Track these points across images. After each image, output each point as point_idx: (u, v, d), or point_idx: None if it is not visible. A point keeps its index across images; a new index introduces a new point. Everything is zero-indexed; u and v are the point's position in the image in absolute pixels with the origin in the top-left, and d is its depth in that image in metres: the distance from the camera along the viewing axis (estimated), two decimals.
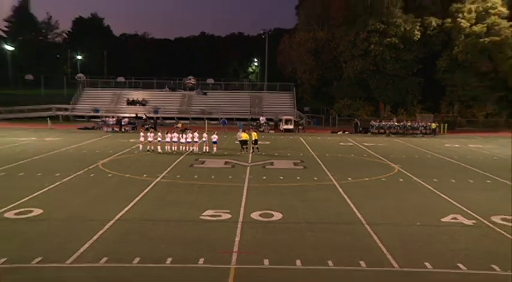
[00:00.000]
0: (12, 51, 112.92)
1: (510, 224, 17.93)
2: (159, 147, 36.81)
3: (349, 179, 26.72)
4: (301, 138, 49.25)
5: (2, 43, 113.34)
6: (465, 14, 64.18)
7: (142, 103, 69.74)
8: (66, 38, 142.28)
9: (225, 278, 12.59)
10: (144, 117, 61.08)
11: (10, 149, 36.83)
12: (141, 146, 37.17)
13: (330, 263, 13.77)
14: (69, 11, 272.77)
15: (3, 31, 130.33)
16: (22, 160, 31.43)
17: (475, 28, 63.11)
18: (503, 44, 62.25)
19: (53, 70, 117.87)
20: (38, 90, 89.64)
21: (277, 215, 18.58)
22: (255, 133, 39.78)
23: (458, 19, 64.22)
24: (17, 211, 18.78)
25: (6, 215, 18.31)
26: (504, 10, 63.52)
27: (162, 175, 26.73)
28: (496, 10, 63.49)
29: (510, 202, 21.53)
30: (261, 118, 60.64)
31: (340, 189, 23.79)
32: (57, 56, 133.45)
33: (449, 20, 65.33)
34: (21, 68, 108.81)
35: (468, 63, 63.62)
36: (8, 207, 19.33)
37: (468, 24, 63.57)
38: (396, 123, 55.90)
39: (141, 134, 38.15)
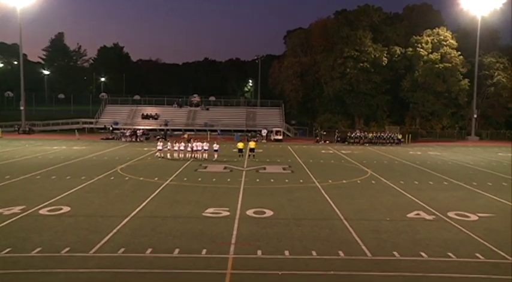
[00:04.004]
0: (48, 74, 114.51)
1: (463, 218, 17.95)
2: (168, 154, 36.71)
3: (330, 181, 26.63)
4: (289, 147, 49.14)
5: (40, 68, 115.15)
6: (423, 44, 65.26)
7: (155, 117, 69.53)
8: (92, 63, 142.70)
9: (224, 266, 12.48)
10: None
11: (45, 156, 36.61)
12: (157, 153, 37.20)
13: (314, 253, 13.67)
14: (96, 41, 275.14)
15: (42, 59, 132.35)
16: (54, 165, 31.24)
17: (431, 56, 64.05)
18: (454, 69, 63.35)
19: (81, 90, 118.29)
20: (68, 106, 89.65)
21: (269, 212, 18.47)
22: (253, 142, 39.75)
23: (417, 48, 65.20)
24: (49, 208, 18.73)
25: (40, 211, 18.25)
26: (454, 42, 64.74)
27: (171, 178, 26.57)
28: (448, 42, 64.70)
29: (464, 200, 21.61)
30: (263, 130, 60.36)
31: (322, 190, 23.69)
32: (85, 78, 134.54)
33: (410, 49, 66.10)
34: (55, 89, 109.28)
35: (427, 85, 64.27)
36: (42, 204, 19.31)
37: (426, 53, 64.51)
38: (364, 134, 55.95)
39: (158, 143, 38.26)
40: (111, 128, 62.33)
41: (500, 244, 14.88)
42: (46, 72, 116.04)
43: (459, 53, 64.20)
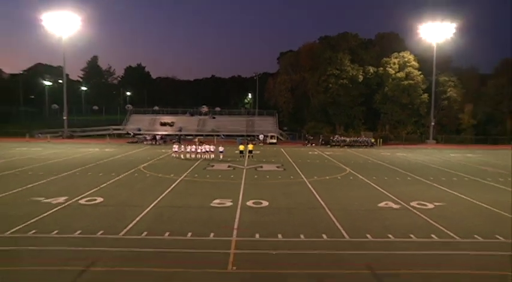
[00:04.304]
0: (85, 90, 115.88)
1: (422, 207, 18.12)
2: (182, 155, 36.78)
3: (315, 177, 26.74)
4: (281, 149, 49.16)
5: (79, 85, 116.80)
6: (391, 65, 65.40)
7: (171, 124, 69.47)
8: (120, 80, 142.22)
9: (228, 247, 12.61)
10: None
11: (82, 157, 36.67)
12: (173, 154, 37.23)
13: (302, 236, 13.79)
14: (123, 62, 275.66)
15: (80, 77, 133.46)
16: (90, 164, 31.30)
17: (398, 75, 64.23)
18: (416, 86, 63.75)
19: (111, 102, 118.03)
20: (100, 116, 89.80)
21: (265, 203, 18.57)
22: (251, 145, 39.84)
23: (387, 68, 65.35)
24: (86, 199, 18.85)
25: (79, 201, 18.39)
26: (416, 64, 65.01)
27: (184, 175, 26.64)
28: (411, 63, 64.96)
29: (423, 192, 21.76)
30: (260, 135, 60.31)
31: (309, 185, 23.81)
32: (114, 92, 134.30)
33: (381, 68, 66.25)
34: (90, 101, 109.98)
35: (394, 98, 64.41)
36: (81, 196, 19.42)
37: (394, 72, 64.66)
38: (344, 138, 56.38)
39: (174, 146, 38.38)
40: (132, 134, 62.81)
41: (450, 226, 15.12)
42: (84, 88, 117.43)
43: (420, 72, 64.48)
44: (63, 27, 61.12)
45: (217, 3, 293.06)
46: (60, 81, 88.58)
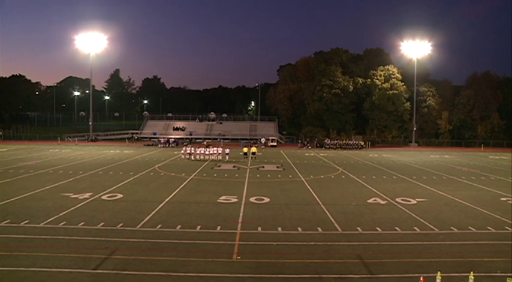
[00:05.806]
0: (108, 99, 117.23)
1: (406, 202, 17.98)
2: (192, 156, 36.71)
3: (311, 176, 26.63)
4: (281, 151, 49.06)
5: (103, 95, 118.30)
6: (378, 77, 65.37)
7: (182, 129, 69.52)
8: (138, 90, 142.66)
9: (233, 238, 12.52)
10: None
11: (105, 157, 36.69)
12: (182, 156, 37.09)
13: (299, 229, 13.69)
14: (141, 74, 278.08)
15: (104, 88, 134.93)
16: (111, 164, 31.34)
17: (384, 85, 64.20)
18: (400, 95, 63.64)
19: (130, 109, 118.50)
20: (121, 121, 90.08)
21: (266, 199, 18.48)
22: (255, 148, 39.74)
23: (374, 79, 65.33)
24: (108, 195, 18.83)
25: (102, 197, 18.37)
26: (399, 76, 64.98)
27: (194, 174, 26.59)
28: (395, 75, 64.94)
29: (407, 189, 21.61)
30: (262, 139, 60.23)
31: (306, 183, 23.70)
32: (133, 101, 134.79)
33: (369, 80, 66.19)
34: (112, 109, 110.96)
35: (381, 106, 64.27)
36: (103, 192, 19.44)
37: (380, 83, 64.62)
38: (336, 141, 56.35)
39: (183, 148, 38.21)
40: (136, 137, 63.10)
41: (430, 220, 15.04)
42: (107, 97, 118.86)
43: (403, 83, 64.50)
44: (92, 45, 62.94)
45: (225, 22, 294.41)
46: (87, 91, 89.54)
